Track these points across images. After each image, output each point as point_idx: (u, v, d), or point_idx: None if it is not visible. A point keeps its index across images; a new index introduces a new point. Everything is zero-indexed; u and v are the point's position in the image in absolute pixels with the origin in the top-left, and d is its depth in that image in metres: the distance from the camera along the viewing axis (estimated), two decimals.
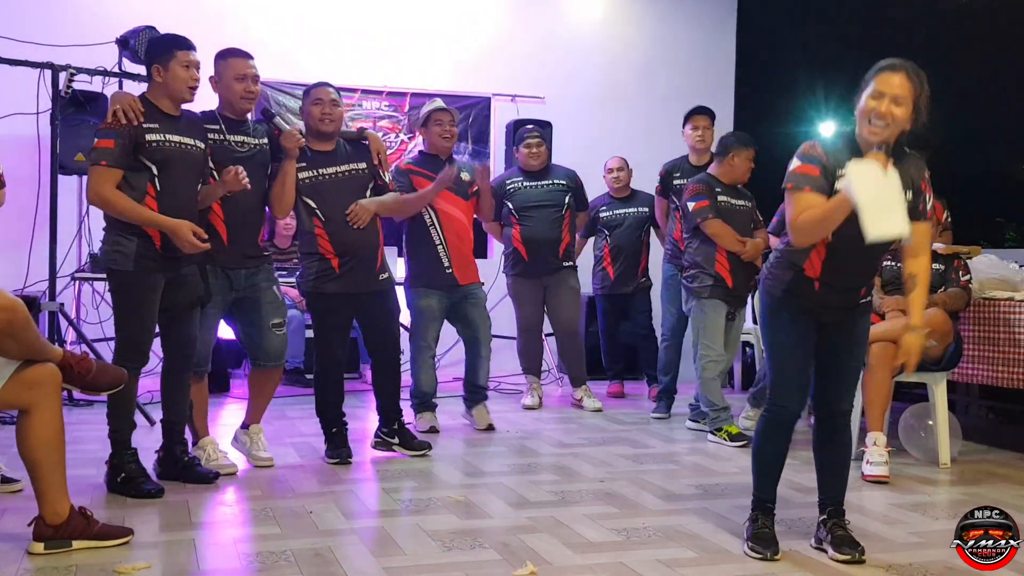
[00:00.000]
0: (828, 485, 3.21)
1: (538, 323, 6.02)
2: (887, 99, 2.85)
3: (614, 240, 6.47)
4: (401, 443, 4.46)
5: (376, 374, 4.56)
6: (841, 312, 3.10)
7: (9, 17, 6.28)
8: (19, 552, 2.98)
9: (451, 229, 5.06)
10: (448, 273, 5.04)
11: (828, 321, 3.09)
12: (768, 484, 3.20)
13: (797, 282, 3.07)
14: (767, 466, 3.21)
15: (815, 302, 3.07)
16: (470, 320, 5.17)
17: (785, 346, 3.11)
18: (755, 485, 3.22)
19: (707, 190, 5.04)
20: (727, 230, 4.99)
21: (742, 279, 5.07)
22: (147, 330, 3.74)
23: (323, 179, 4.28)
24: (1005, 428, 5.66)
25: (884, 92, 2.86)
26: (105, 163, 3.61)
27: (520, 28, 7.91)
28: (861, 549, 3.05)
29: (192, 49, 3.76)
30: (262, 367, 4.21)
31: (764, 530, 3.13)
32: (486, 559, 3.01)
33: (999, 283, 4.89)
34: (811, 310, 3.08)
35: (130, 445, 3.79)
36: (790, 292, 3.08)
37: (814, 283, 3.05)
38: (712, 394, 5.03)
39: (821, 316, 3.09)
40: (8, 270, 4.81)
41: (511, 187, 5.89)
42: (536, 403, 5.98)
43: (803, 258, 3.05)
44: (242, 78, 4.03)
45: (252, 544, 3.13)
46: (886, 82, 2.87)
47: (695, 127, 5.71)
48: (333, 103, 4.32)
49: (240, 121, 4.10)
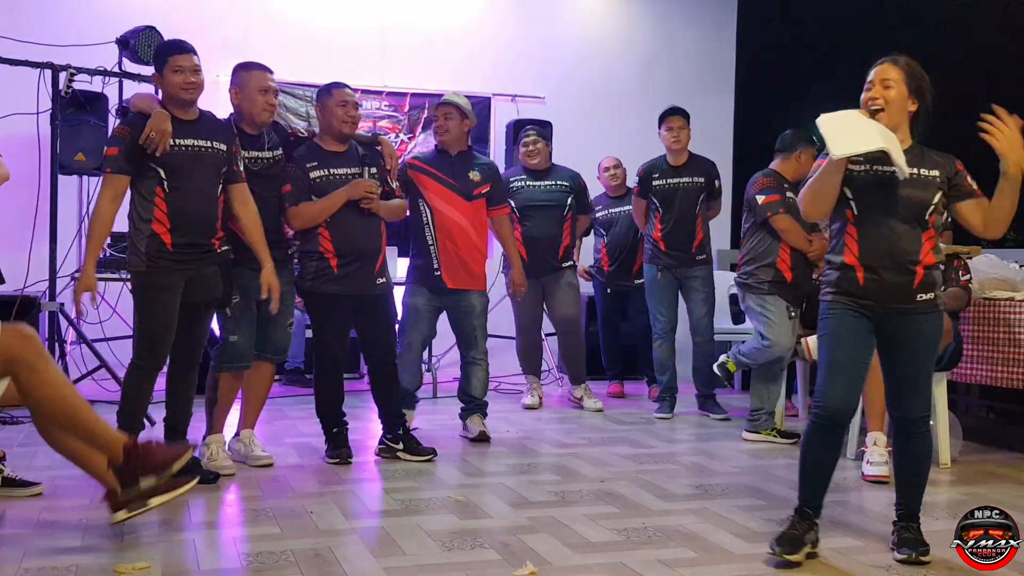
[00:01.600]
0: (902, 491, 3.18)
1: (537, 323, 6.01)
2: (876, 84, 3.04)
3: (611, 239, 6.49)
4: (406, 449, 4.44)
5: (373, 380, 4.51)
6: (896, 308, 3.03)
7: (9, 17, 6.28)
8: (19, 552, 2.98)
9: (444, 230, 4.84)
10: (436, 275, 4.86)
11: (885, 321, 3.05)
12: (807, 489, 3.12)
13: (842, 278, 3.06)
14: (807, 471, 3.14)
15: (864, 296, 3.03)
16: (460, 328, 5.02)
17: (832, 344, 3.07)
18: (799, 488, 3.16)
19: (776, 184, 4.99)
20: (796, 226, 4.89)
21: (802, 277, 4.99)
22: (163, 330, 3.74)
23: (333, 179, 4.28)
24: (1005, 428, 5.66)
25: (873, 80, 3.05)
26: (110, 170, 3.68)
27: (520, 28, 7.91)
28: (923, 550, 3.04)
29: (184, 53, 3.77)
30: (267, 358, 4.24)
31: (791, 531, 3.05)
32: (486, 559, 3.01)
33: (999, 283, 4.89)
34: (863, 308, 3.04)
35: None
36: (839, 291, 3.07)
37: (857, 272, 3.03)
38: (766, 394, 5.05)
39: (876, 314, 3.04)
40: (8, 270, 4.80)
41: (515, 185, 5.88)
42: (536, 403, 5.98)
43: (840, 250, 3.07)
44: (265, 91, 4.06)
45: (252, 544, 3.13)
46: (875, 73, 3.07)
47: (670, 128, 5.71)
48: (356, 105, 4.35)
49: (255, 136, 4.12)
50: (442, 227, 4.85)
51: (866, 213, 3.03)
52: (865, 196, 3.02)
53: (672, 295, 5.77)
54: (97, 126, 5.96)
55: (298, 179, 4.23)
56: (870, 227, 3.03)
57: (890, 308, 3.04)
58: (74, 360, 5.82)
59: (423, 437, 4.60)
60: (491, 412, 5.22)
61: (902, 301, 3.04)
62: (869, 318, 3.06)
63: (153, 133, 3.62)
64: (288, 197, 4.20)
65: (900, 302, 3.04)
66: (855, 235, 3.05)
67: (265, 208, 4.09)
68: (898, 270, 3.02)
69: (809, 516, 3.10)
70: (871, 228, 3.02)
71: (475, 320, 4.98)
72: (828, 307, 3.11)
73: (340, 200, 4.24)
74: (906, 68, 3.04)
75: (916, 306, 3.05)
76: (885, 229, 3.01)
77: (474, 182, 4.94)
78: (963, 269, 4.67)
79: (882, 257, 3.02)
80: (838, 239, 3.11)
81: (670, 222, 5.69)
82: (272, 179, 4.18)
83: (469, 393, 5.04)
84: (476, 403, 5.04)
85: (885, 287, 3.02)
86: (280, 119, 4.60)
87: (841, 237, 3.09)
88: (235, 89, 4.09)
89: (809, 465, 3.14)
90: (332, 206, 4.23)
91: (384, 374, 4.48)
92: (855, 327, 3.06)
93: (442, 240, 4.85)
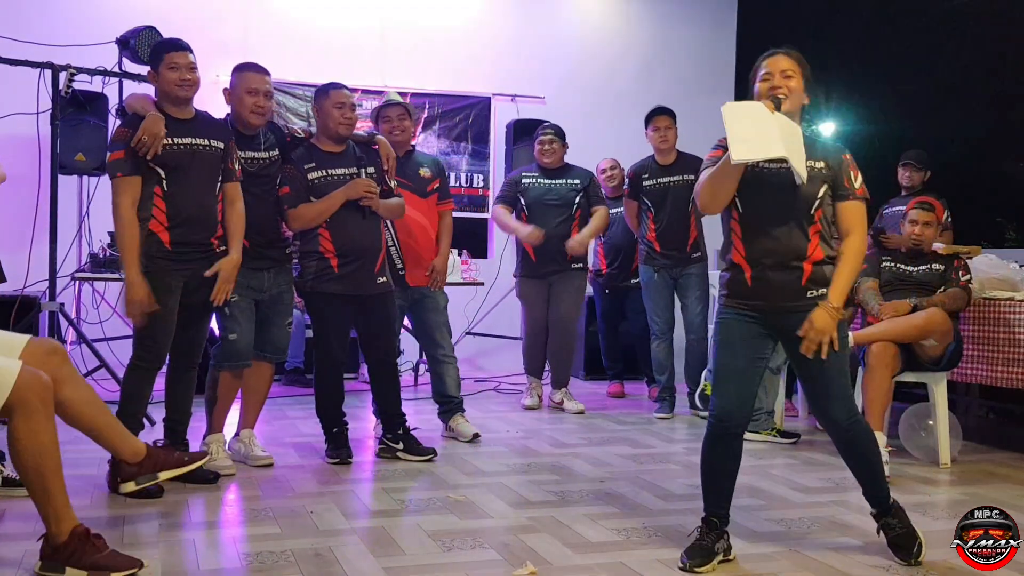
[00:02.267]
0: (866, 489, 3.16)
1: (544, 324, 5.94)
2: (777, 75, 2.99)
3: (608, 240, 6.49)
4: (406, 449, 4.44)
5: (373, 379, 4.51)
6: (785, 307, 2.96)
7: (9, 17, 6.29)
8: (19, 552, 2.98)
9: (405, 229, 4.86)
10: (401, 274, 4.85)
11: (777, 321, 2.98)
12: (710, 498, 3.05)
13: (732, 279, 3.02)
14: (708, 480, 3.08)
15: (753, 297, 2.98)
16: (426, 325, 5.00)
17: (722, 351, 3.03)
18: (703, 497, 3.09)
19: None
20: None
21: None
22: (162, 331, 3.74)
23: (331, 179, 4.28)
24: (1005, 428, 5.66)
25: (772, 71, 3.00)
26: (120, 174, 3.66)
27: (520, 28, 7.92)
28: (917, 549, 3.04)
29: (180, 50, 3.78)
30: (267, 358, 4.24)
31: (701, 542, 2.99)
32: (486, 559, 3.01)
33: (999, 283, 4.89)
34: (753, 310, 2.99)
35: None
36: (730, 293, 3.04)
37: (744, 272, 2.99)
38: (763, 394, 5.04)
39: (765, 314, 2.99)
40: (8, 270, 4.80)
41: (526, 182, 5.86)
42: (536, 403, 5.96)
43: (728, 249, 3.04)
44: (253, 92, 4.04)
45: (252, 544, 3.13)
46: (772, 64, 3.02)
47: (656, 128, 5.70)
48: (352, 107, 4.35)
49: (250, 136, 4.11)
50: (402, 226, 4.87)
51: (750, 211, 2.97)
52: (749, 194, 2.95)
53: (669, 295, 5.77)
54: (97, 126, 5.97)
55: (296, 180, 4.23)
56: (754, 225, 2.97)
57: (780, 307, 2.98)
58: (74, 360, 5.80)
59: (423, 437, 4.60)
60: (490, 412, 5.23)
61: (791, 299, 2.97)
62: (759, 320, 3.01)
63: (145, 137, 3.62)
64: (287, 199, 4.21)
65: (789, 300, 2.97)
66: (740, 233, 3.00)
67: (262, 208, 4.10)
68: (784, 268, 2.95)
69: (716, 525, 3.02)
70: (755, 226, 2.97)
71: (440, 316, 5.02)
72: (719, 311, 3.09)
73: (339, 201, 4.24)
74: (799, 60, 3.03)
75: (806, 304, 2.95)
76: (769, 227, 2.95)
77: (426, 179, 5.01)
78: (963, 269, 4.67)
79: (767, 256, 2.96)
80: (726, 237, 3.06)
81: (663, 222, 5.68)
82: (268, 179, 4.18)
83: (446, 393, 5.02)
84: (455, 402, 5.02)
85: (773, 286, 2.96)
86: (280, 119, 4.60)
87: (728, 234, 3.05)
88: (227, 90, 4.10)
89: (709, 474, 3.08)
90: (331, 207, 4.23)
91: (384, 373, 4.48)
92: (744, 332, 3.00)
93: (403, 239, 4.89)
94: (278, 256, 4.20)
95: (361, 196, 4.26)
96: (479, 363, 7.41)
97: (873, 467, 3.14)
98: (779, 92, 2.94)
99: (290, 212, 4.21)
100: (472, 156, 7.77)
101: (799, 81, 3.00)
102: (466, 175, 7.79)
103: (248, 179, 4.03)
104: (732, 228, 3.03)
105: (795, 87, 2.99)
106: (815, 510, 3.66)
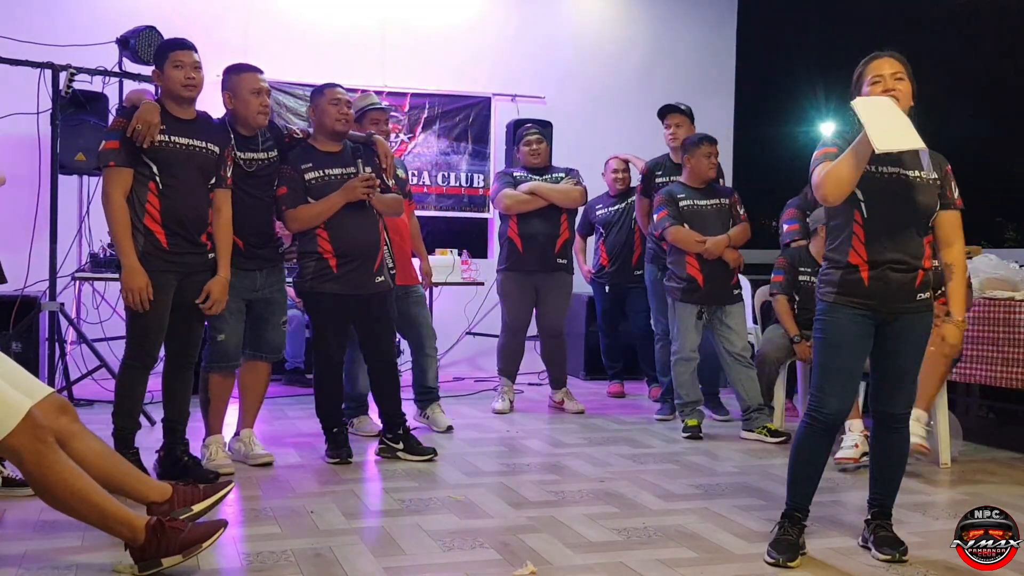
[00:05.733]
0: (878, 487, 3.19)
1: (524, 324, 5.85)
2: (888, 77, 3.01)
3: (610, 238, 6.47)
4: (406, 449, 4.44)
5: (372, 379, 4.51)
6: (898, 308, 3.03)
7: (9, 17, 6.28)
8: (19, 552, 2.98)
9: (393, 228, 4.91)
10: (392, 274, 4.80)
11: (886, 321, 3.05)
12: (798, 492, 3.13)
13: (846, 278, 3.05)
14: (798, 473, 3.15)
15: (868, 297, 3.02)
16: (411, 316, 5.07)
17: (831, 345, 3.07)
18: (787, 491, 3.17)
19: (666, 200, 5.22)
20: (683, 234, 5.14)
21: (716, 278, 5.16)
22: (154, 330, 3.74)
23: (329, 180, 4.28)
24: (1005, 428, 5.66)
25: (882, 73, 3.02)
26: (113, 164, 3.66)
27: (520, 28, 7.91)
28: (903, 549, 3.07)
29: (185, 49, 3.78)
30: (263, 358, 4.25)
31: (786, 537, 3.08)
32: (486, 559, 3.01)
33: (999, 283, 4.89)
34: (866, 308, 3.04)
35: (132, 444, 3.82)
36: (842, 292, 3.05)
37: (861, 273, 3.02)
38: (682, 387, 5.18)
39: (877, 314, 3.04)
40: (8, 270, 4.80)
41: (519, 176, 5.84)
42: (507, 408, 5.76)
43: (846, 250, 3.06)
44: (257, 92, 4.05)
45: (252, 544, 3.13)
46: (880, 67, 3.04)
47: (667, 126, 5.73)
48: (348, 104, 4.35)
49: (249, 136, 4.11)
50: (392, 226, 4.89)
51: (876, 216, 3.01)
52: (876, 199, 3.01)
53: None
54: (97, 126, 5.95)
55: (294, 181, 4.23)
56: (880, 229, 3.01)
57: (893, 308, 3.04)
58: (74, 360, 5.82)
59: (423, 437, 4.60)
60: (491, 412, 5.22)
61: (904, 300, 3.05)
62: (870, 318, 3.05)
63: (139, 125, 3.61)
64: (285, 200, 4.21)
65: (902, 301, 3.04)
66: (862, 236, 3.04)
67: (259, 208, 4.11)
68: (903, 271, 3.02)
69: (799, 520, 3.12)
70: (880, 230, 3.01)
71: (424, 312, 5.16)
72: (828, 309, 3.09)
73: (337, 204, 4.24)
74: (904, 62, 3.05)
75: (916, 305, 3.07)
76: (893, 232, 3.01)
77: (403, 180, 5.13)
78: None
79: (889, 259, 3.01)
80: (842, 238, 3.08)
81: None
82: (267, 179, 4.17)
83: (427, 385, 5.14)
84: (433, 392, 5.15)
85: (892, 287, 3.02)
86: (279, 119, 4.61)
87: (847, 236, 3.06)
88: (228, 93, 4.09)
89: (804, 469, 3.14)
90: (329, 209, 4.23)
91: (384, 373, 4.48)
92: (854, 333, 3.05)
93: (394, 239, 4.91)
94: (271, 256, 4.20)
95: (360, 197, 4.25)
96: (479, 363, 7.38)
97: (899, 472, 3.21)
98: (893, 94, 2.97)
99: (288, 213, 4.22)
100: (472, 156, 7.75)
101: (908, 85, 3.03)
102: (466, 175, 7.78)
103: (246, 179, 4.03)
104: (854, 232, 3.05)
105: (905, 90, 3.01)
106: (815, 510, 3.63)
